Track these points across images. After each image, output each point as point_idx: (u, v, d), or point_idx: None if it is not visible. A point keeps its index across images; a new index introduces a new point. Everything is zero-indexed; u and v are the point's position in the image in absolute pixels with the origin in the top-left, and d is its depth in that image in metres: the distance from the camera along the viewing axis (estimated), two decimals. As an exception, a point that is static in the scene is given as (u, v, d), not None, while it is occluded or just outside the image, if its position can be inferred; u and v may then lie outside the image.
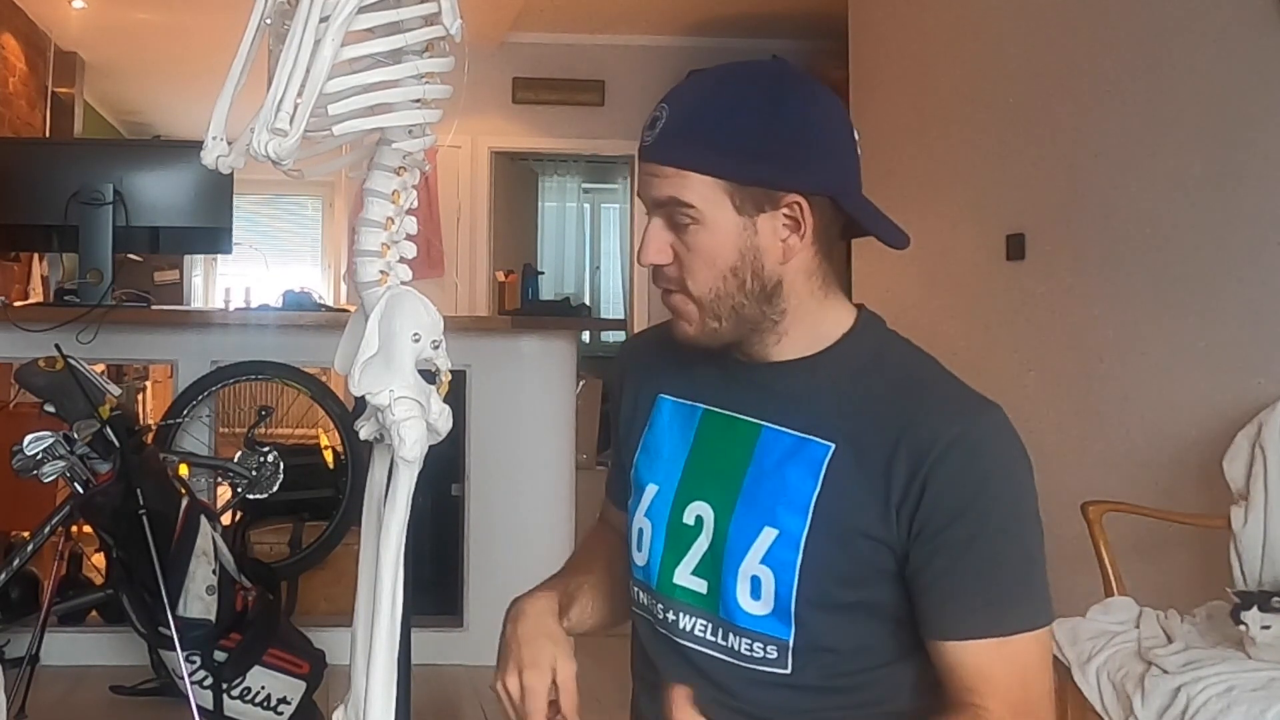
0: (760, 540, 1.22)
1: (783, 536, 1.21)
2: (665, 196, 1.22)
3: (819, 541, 1.20)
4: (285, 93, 1.17)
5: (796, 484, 1.22)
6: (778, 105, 1.21)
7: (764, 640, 1.23)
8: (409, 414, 1.28)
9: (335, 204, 10.35)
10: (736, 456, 1.26)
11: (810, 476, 1.21)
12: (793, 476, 1.22)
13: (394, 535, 1.28)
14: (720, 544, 1.25)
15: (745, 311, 1.24)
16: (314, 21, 1.18)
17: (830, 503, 1.20)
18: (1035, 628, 1.19)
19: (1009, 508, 1.20)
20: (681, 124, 1.21)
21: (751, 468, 1.25)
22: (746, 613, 1.24)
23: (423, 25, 1.27)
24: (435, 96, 1.29)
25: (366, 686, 1.28)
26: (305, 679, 3.14)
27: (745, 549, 1.23)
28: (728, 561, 1.24)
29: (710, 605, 1.26)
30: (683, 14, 6.69)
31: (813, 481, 1.21)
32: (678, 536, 1.29)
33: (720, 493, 1.26)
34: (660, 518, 1.31)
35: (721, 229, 1.21)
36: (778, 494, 1.22)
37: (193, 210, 3.87)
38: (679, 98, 1.24)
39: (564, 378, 4.12)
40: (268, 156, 1.18)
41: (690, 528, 1.28)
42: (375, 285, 1.31)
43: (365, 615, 1.32)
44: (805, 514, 1.21)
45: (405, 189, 1.32)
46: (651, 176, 1.23)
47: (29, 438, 2.91)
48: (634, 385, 1.42)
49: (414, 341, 1.29)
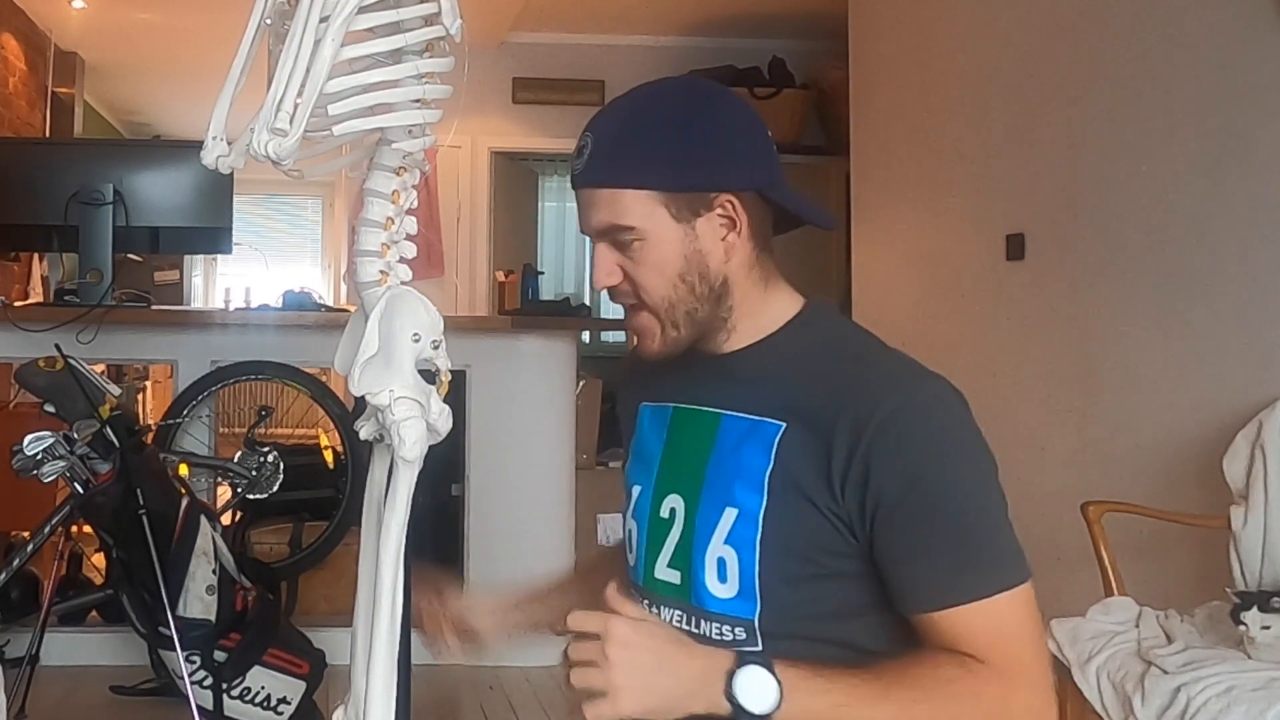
0: (723, 521, 1.27)
1: (742, 515, 1.26)
2: (604, 224, 1.27)
3: (775, 516, 1.24)
4: (285, 93, 1.17)
5: (751, 462, 1.26)
6: (693, 114, 1.28)
7: (732, 623, 1.27)
8: (409, 414, 1.27)
9: (335, 204, 10.35)
10: (700, 446, 1.32)
11: (763, 454, 1.26)
12: (748, 456, 1.27)
13: (394, 535, 1.28)
14: (689, 532, 1.30)
15: (699, 315, 1.30)
16: (314, 21, 1.18)
17: (782, 477, 1.24)
18: (1010, 586, 1.19)
19: (959, 472, 1.22)
20: (608, 146, 1.27)
21: (713, 454, 1.30)
22: (715, 596, 1.27)
23: (423, 25, 1.27)
24: (435, 96, 1.29)
25: (366, 686, 1.28)
26: (305, 679, 3.14)
27: (710, 532, 1.28)
28: (696, 548, 1.29)
29: (684, 594, 1.31)
30: (683, 14, 6.69)
31: (765, 458, 1.25)
32: (656, 531, 1.34)
33: (688, 483, 1.32)
34: (643, 516, 1.37)
35: (664, 239, 1.27)
36: (735, 474, 1.27)
37: (193, 210, 3.87)
38: (600, 125, 1.29)
39: (564, 378, 4.12)
40: (268, 156, 1.18)
41: (665, 520, 1.33)
42: (375, 285, 1.31)
43: (365, 615, 1.32)
44: (761, 490, 1.25)
45: (405, 189, 1.32)
46: (587, 206, 1.28)
47: (29, 438, 2.91)
48: (624, 402, 1.50)
49: (414, 341, 1.29)
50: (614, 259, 1.29)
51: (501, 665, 3.85)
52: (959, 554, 1.20)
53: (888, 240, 4.79)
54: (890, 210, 4.75)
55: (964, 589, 1.19)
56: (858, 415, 1.21)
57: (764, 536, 1.24)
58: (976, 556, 1.21)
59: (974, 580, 1.19)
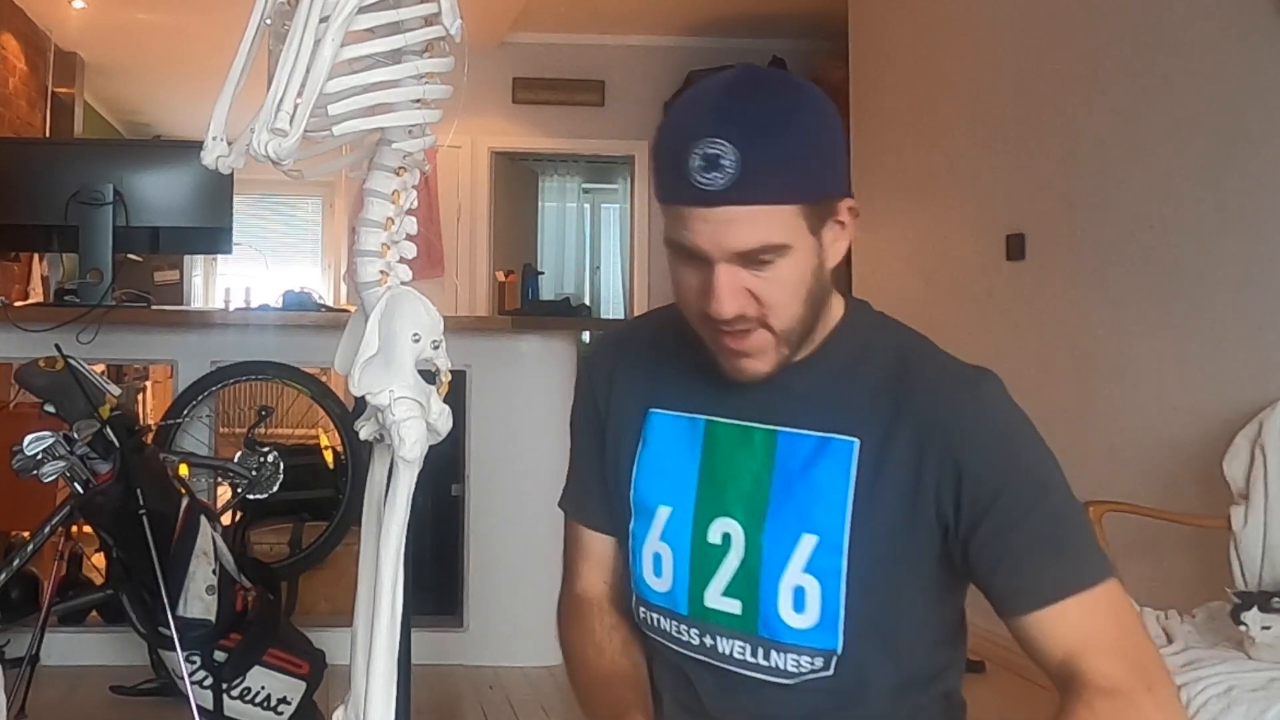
0: (800, 549, 1.19)
1: (824, 542, 1.18)
2: (755, 244, 1.12)
3: (862, 541, 1.18)
4: (285, 93, 1.17)
5: (828, 485, 1.19)
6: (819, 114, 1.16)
7: (810, 654, 1.20)
8: (409, 414, 1.28)
9: (335, 204, 10.35)
10: (756, 467, 1.22)
11: (841, 476, 1.19)
12: (823, 478, 1.19)
13: (394, 535, 1.28)
14: (754, 559, 1.21)
15: (808, 328, 1.21)
16: (314, 21, 1.18)
17: (867, 500, 1.18)
18: (1109, 575, 1.18)
19: (1043, 468, 1.20)
20: (756, 157, 1.10)
21: (776, 476, 1.21)
22: (790, 627, 1.20)
23: (423, 25, 1.27)
24: (435, 96, 1.29)
25: (366, 686, 1.28)
26: (305, 679, 3.14)
27: (784, 560, 1.20)
28: (765, 576, 1.20)
29: (747, 625, 1.22)
30: (683, 14, 6.69)
31: (845, 481, 1.18)
32: (704, 557, 1.24)
33: (746, 508, 1.22)
34: (681, 540, 1.26)
35: (802, 257, 1.15)
36: (811, 498, 1.19)
37: (193, 210, 3.87)
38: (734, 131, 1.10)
39: (564, 378, 4.12)
40: (268, 156, 1.18)
41: (717, 547, 1.23)
42: (375, 285, 1.31)
43: (365, 615, 1.32)
44: (844, 515, 1.18)
45: (405, 189, 1.32)
46: (726, 225, 1.11)
47: (29, 438, 2.90)
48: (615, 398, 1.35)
49: (414, 341, 1.29)
50: (742, 282, 1.14)
51: (501, 665, 3.85)
52: (1061, 548, 1.17)
53: (888, 240, 4.78)
54: (891, 210, 4.75)
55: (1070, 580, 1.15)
56: (935, 422, 1.17)
57: (850, 564, 1.17)
58: (1076, 548, 1.18)
59: (1078, 570, 1.16)
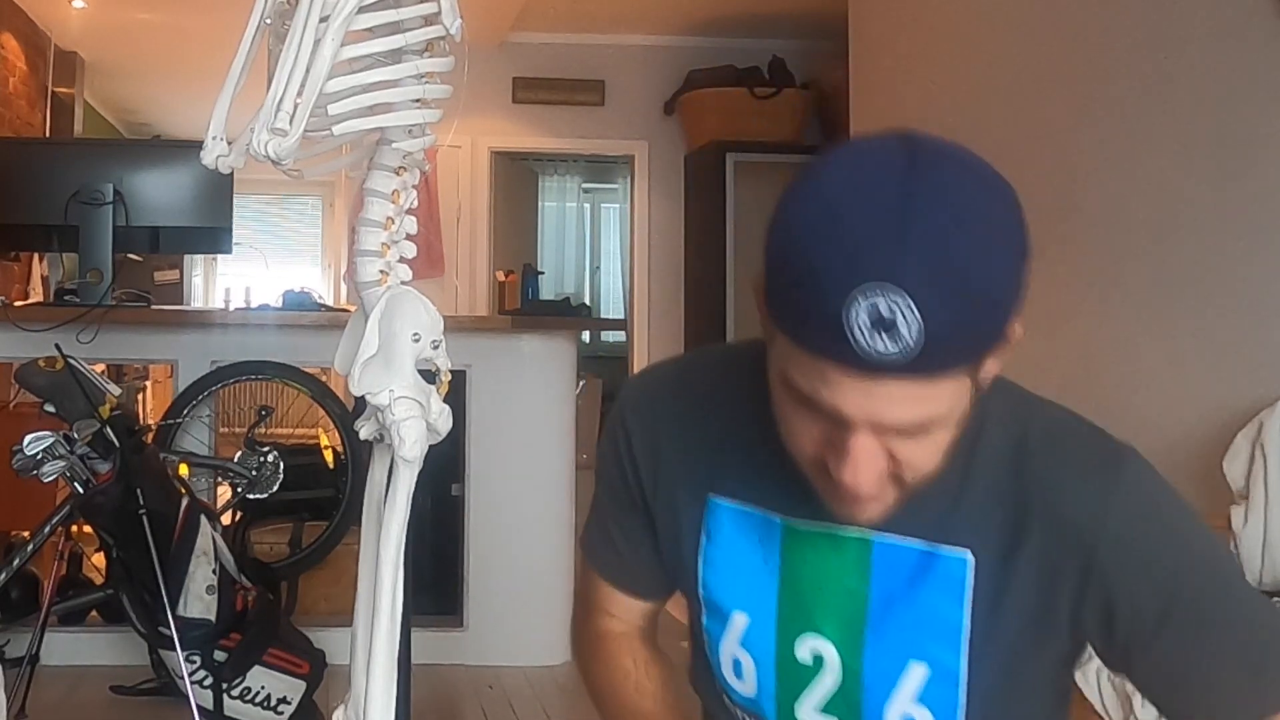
0: (908, 679, 1.03)
1: (937, 673, 1.02)
2: (915, 420, 0.89)
3: (983, 673, 1.02)
4: (285, 92, 1.17)
5: (939, 610, 1.01)
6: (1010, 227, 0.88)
7: None
8: (409, 414, 1.28)
9: (335, 204, 10.35)
10: (849, 581, 1.05)
11: (954, 600, 1.01)
12: (932, 601, 1.02)
13: (394, 535, 1.28)
14: (854, 685, 1.05)
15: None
16: (314, 21, 1.18)
17: (987, 627, 1.01)
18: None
19: (1214, 572, 1.02)
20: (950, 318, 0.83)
21: (874, 594, 1.04)
22: None
23: (423, 25, 1.27)
24: (435, 96, 1.29)
25: (366, 686, 1.28)
26: (305, 679, 3.14)
27: (890, 689, 1.04)
28: (869, 703, 1.05)
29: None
30: (683, 14, 6.69)
31: (958, 606, 1.01)
32: (793, 675, 1.08)
33: (840, 626, 1.05)
34: (765, 653, 1.09)
35: (960, 411, 0.92)
36: (919, 624, 1.02)
37: (193, 210, 3.87)
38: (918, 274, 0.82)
39: (564, 378, 4.12)
40: (268, 156, 1.18)
41: (808, 667, 1.07)
42: (375, 285, 1.31)
43: (365, 615, 1.32)
44: (959, 646, 1.01)
45: (405, 189, 1.32)
46: (888, 399, 0.87)
47: (29, 438, 2.90)
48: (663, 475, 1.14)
49: (414, 341, 1.29)
50: (886, 445, 0.91)
51: (501, 665, 3.85)
52: (1242, 670, 0.99)
53: (888, 240, 4.77)
54: (890, 210, 4.74)
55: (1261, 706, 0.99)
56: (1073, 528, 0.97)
57: (970, 697, 1.02)
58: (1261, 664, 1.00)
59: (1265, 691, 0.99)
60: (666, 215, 7.12)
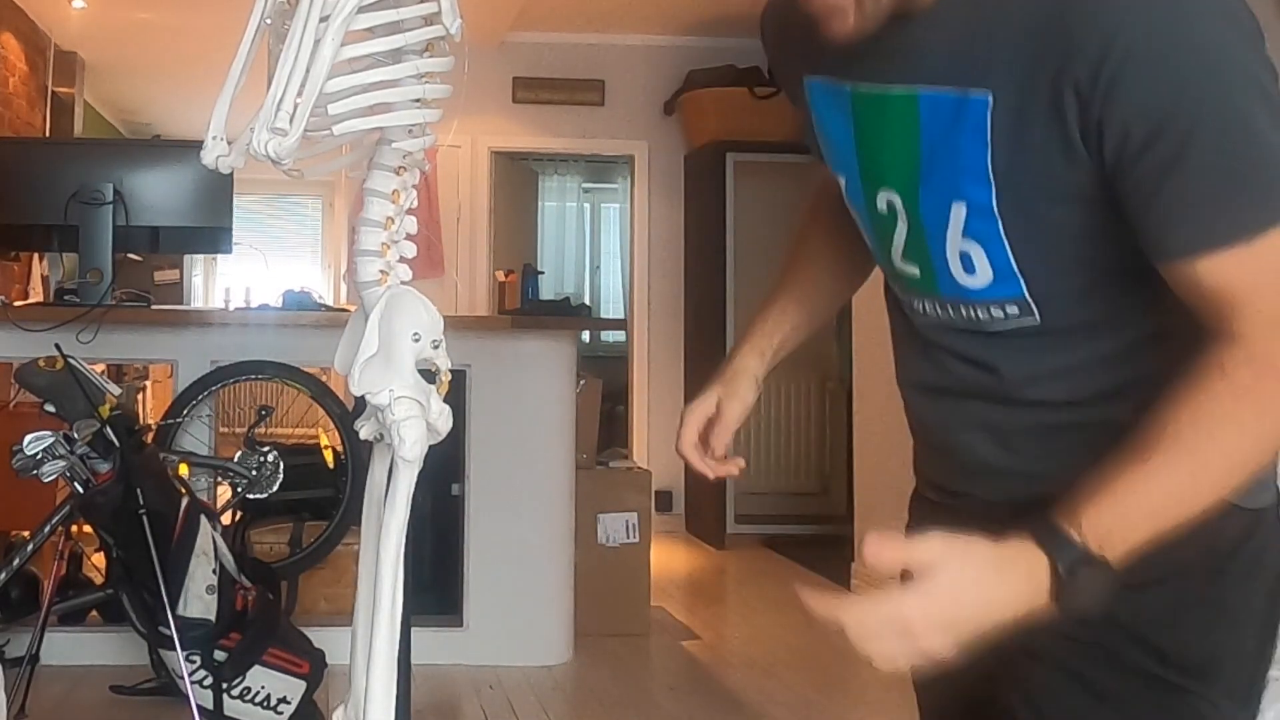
0: (954, 217, 1.11)
1: (974, 209, 1.09)
2: None
3: (1012, 205, 1.07)
4: (285, 92, 1.17)
5: (968, 151, 1.08)
6: None
7: (1001, 303, 1.12)
8: (409, 414, 1.28)
9: (335, 204, 10.35)
10: (904, 135, 1.13)
11: (978, 139, 1.06)
12: (963, 144, 1.08)
13: (394, 535, 1.28)
14: (918, 228, 1.15)
15: None
16: (314, 21, 1.18)
17: (1008, 162, 1.06)
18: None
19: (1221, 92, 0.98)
20: None
21: (923, 143, 1.11)
22: (969, 288, 1.13)
23: (422, 25, 1.27)
24: (435, 96, 1.29)
25: (366, 686, 1.28)
26: (305, 679, 3.14)
27: (943, 229, 1.12)
28: (932, 244, 1.14)
29: (930, 287, 1.17)
30: (683, 14, 6.69)
31: (982, 145, 1.06)
32: (880, 225, 1.20)
33: (900, 177, 1.15)
34: (860, 208, 1.23)
35: None
36: (955, 167, 1.09)
37: (193, 210, 3.87)
38: None
39: (564, 378, 4.13)
40: (268, 156, 1.18)
41: (886, 216, 1.18)
42: (375, 285, 1.31)
43: (365, 615, 1.32)
44: (987, 182, 1.07)
45: (405, 189, 1.32)
46: None
47: (29, 438, 2.91)
48: (783, 72, 1.32)
49: (414, 341, 1.29)
50: None
51: (501, 665, 3.86)
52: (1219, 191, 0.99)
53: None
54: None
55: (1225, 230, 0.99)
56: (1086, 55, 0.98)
57: (1006, 226, 1.08)
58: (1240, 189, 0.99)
59: (1235, 217, 0.99)
60: (666, 215, 7.12)
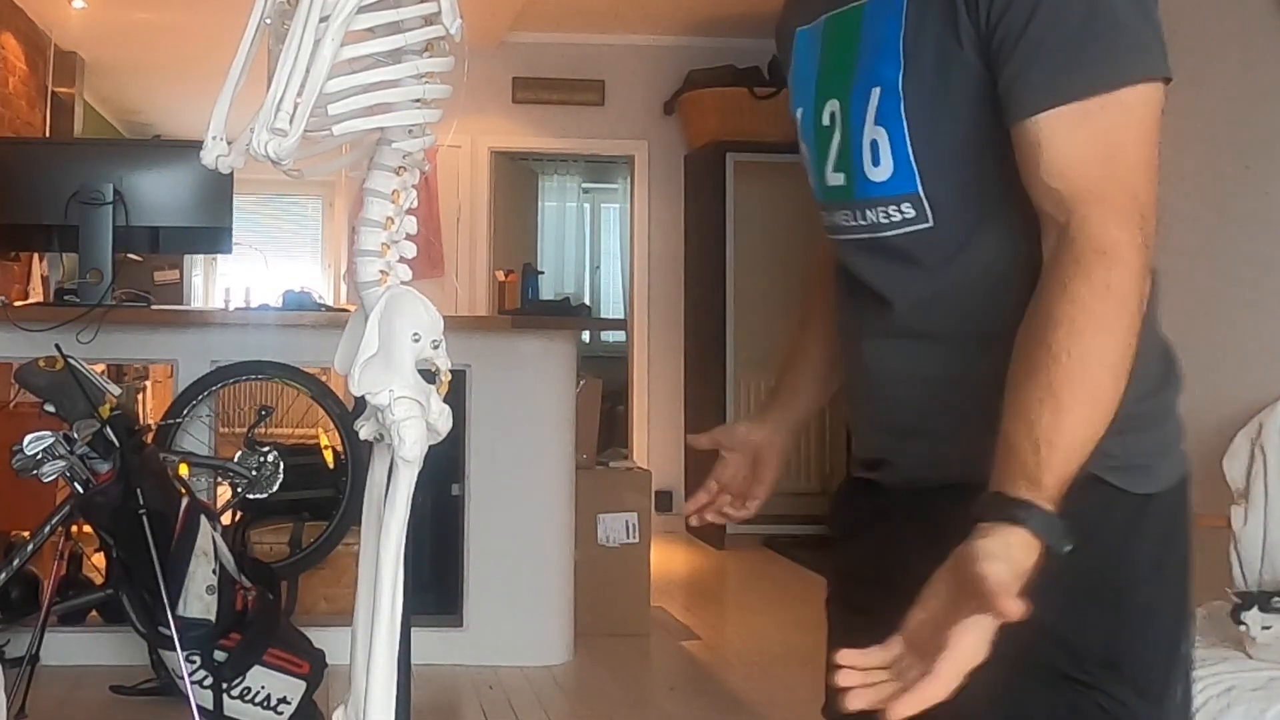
0: (870, 103, 1.19)
1: (884, 89, 1.17)
2: None
3: (914, 82, 1.16)
4: (285, 92, 1.17)
5: (887, 34, 1.18)
6: None
7: (895, 201, 1.19)
8: (409, 414, 1.28)
9: (335, 204, 10.35)
10: (850, 42, 1.23)
11: (895, 23, 1.17)
12: (885, 29, 1.18)
13: (394, 535, 1.28)
14: (846, 125, 1.23)
15: None
16: (314, 21, 1.18)
17: (914, 37, 1.16)
18: (1119, 85, 1.06)
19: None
20: None
21: (861, 44, 1.22)
22: (874, 181, 1.20)
23: (423, 25, 1.27)
24: (435, 96, 1.29)
25: (366, 686, 1.28)
26: (305, 679, 3.14)
27: (862, 119, 1.20)
28: (853, 138, 1.22)
29: (848, 193, 1.24)
30: (683, 14, 6.69)
31: (897, 26, 1.17)
32: (821, 140, 1.27)
33: (841, 81, 1.24)
34: (809, 132, 1.30)
35: None
36: (877, 52, 1.19)
37: (193, 210, 3.87)
38: None
39: (564, 378, 4.13)
40: (267, 156, 1.18)
41: (827, 127, 1.26)
42: (375, 285, 1.31)
43: (365, 615, 1.32)
44: (896, 58, 1.16)
45: (405, 189, 1.32)
46: None
47: (29, 438, 2.91)
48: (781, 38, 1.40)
49: (414, 341, 1.29)
50: None
51: (501, 665, 3.86)
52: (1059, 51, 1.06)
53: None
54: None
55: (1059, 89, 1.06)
56: None
57: (907, 106, 1.16)
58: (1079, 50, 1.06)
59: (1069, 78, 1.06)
60: (666, 215, 7.12)
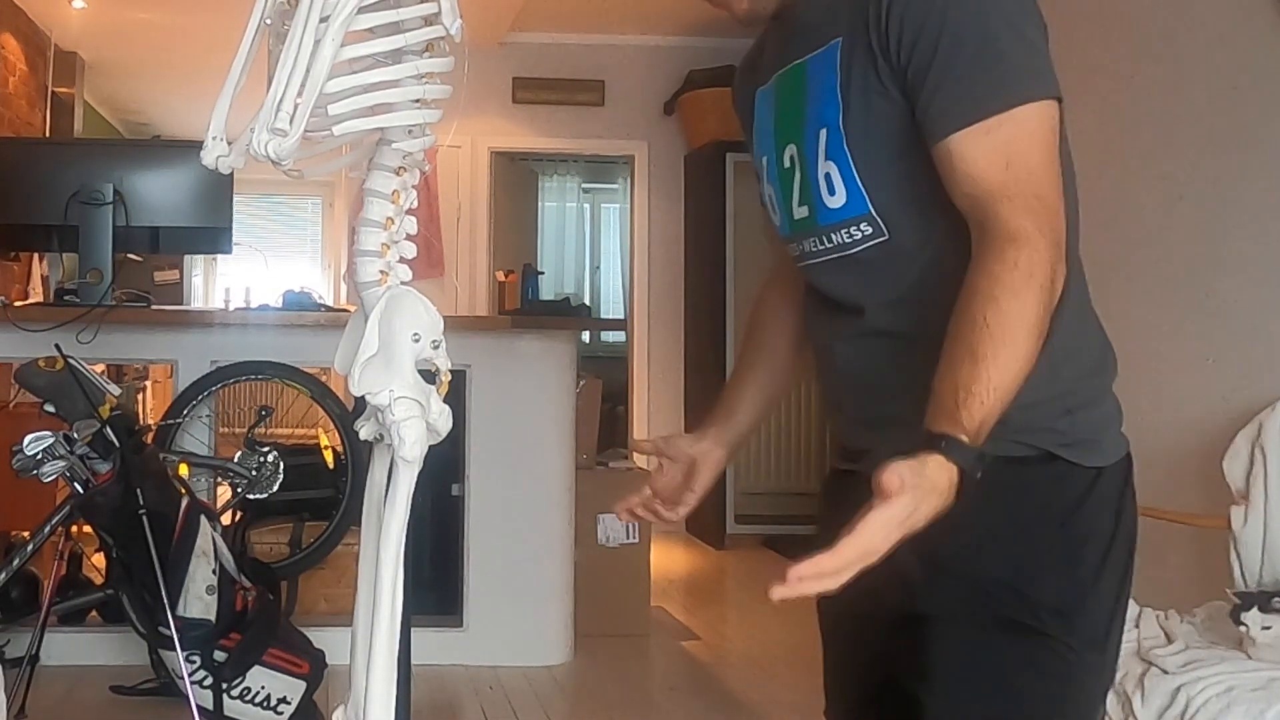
0: (820, 142, 1.34)
1: (829, 129, 1.32)
2: None
3: (852, 119, 1.30)
4: (285, 93, 1.17)
5: (827, 83, 1.33)
6: None
7: (853, 221, 1.33)
8: (409, 414, 1.28)
9: (335, 204, 10.35)
10: (800, 94, 1.38)
11: (833, 72, 1.32)
12: (825, 79, 1.33)
13: (394, 535, 1.28)
14: (804, 164, 1.37)
15: None
16: (314, 21, 1.18)
17: (848, 82, 1.30)
18: (1011, 105, 1.21)
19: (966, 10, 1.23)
20: None
21: (808, 94, 1.36)
22: (832, 209, 1.35)
23: (423, 25, 1.27)
24: (435, 96, 1.29)
25: (366, 686, 1.28)
26: (305, 679, 3.14)
27: (815, 156, 1.35)
28: (810, 173, 1.36)
29: (812, 223, 1.39)
30: (683, 14, 6.69)
31: (834, 74, 1.32)
32: (785, 181, 1.42)
33: (796, 127, 1.39)
34: (774, 176, 1.44)
35: None
36: (821, 99, 1.34)
37: (193, 210, 3.87)
38: None
39: (564, 378, 4.13)
40: (268, 156, 1.18)
41: (789, 169, 1.40)
42: (375, 285, 1.31)
43: (365, 615, 1.32)
44: (836, 101, 1.31)
45: (405, 189, 1.32)
46: None
47: (29, 438, 2.91)
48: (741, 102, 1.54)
49: (414, 341, 1.29)
50: None
51: (501, 665, 3.86)
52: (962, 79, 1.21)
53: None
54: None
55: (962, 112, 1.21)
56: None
57: (850, 141, 1.31)
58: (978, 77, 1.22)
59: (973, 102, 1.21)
60: (666, 215, 7.12)
